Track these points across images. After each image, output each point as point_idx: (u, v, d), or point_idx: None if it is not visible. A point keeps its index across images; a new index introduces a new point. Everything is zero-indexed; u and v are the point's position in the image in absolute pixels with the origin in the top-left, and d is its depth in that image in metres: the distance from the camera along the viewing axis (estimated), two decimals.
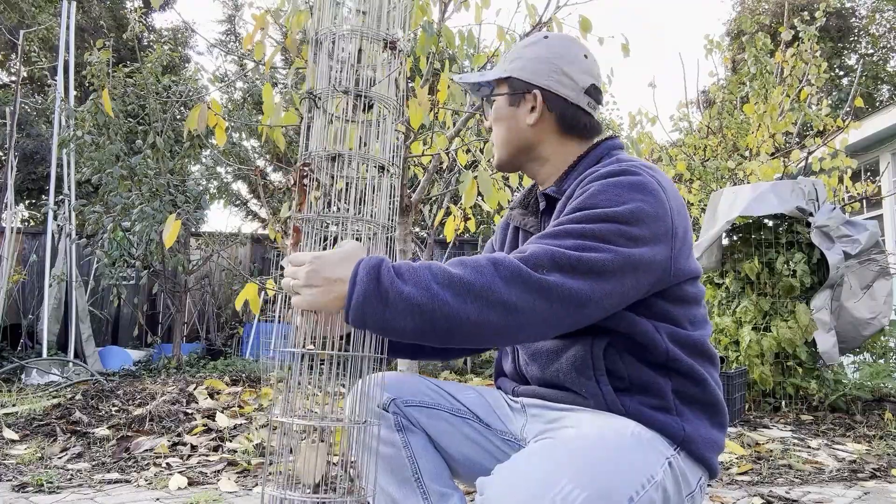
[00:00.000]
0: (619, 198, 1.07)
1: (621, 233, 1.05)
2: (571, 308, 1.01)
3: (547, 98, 1.25)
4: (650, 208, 1.07)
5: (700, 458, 1.14)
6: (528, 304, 0.98)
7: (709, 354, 1.19)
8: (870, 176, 7.35)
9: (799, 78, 5.38)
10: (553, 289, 0.99)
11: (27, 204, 11.23)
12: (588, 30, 2.72)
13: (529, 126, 1.27)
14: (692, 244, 1.18)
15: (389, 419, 1.29)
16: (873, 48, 16.10)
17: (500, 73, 1.29)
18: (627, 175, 1.11)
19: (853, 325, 3.88)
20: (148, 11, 11.78)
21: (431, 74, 2.93)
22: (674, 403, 1.14)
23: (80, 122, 5.81)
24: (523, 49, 1.30)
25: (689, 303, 1.18)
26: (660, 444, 1.10)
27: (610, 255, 1.03)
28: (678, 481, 1.09)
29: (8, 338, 6.24)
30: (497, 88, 1.31)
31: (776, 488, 2.40)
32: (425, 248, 5.27)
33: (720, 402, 1.19)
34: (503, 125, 1.29)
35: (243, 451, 2.75)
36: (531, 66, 1.27)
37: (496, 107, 1.30)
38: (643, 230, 1.06)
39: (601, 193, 1.09)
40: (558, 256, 1.01)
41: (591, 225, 1.05)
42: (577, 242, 1.03)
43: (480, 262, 1.00)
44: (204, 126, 2.17)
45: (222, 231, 7.59)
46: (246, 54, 3.08)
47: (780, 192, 3.87)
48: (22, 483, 2.32)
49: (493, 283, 0.98)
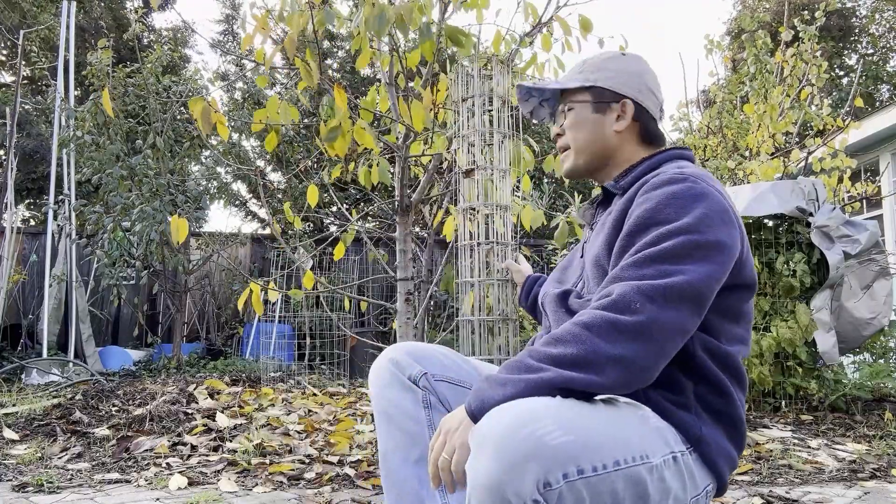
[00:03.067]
0: (684, 209, 1.10)
1: (696, 244, 1.07)
2: (678, 337, 1.04)
3: (636, 108, 1.32)
4: (715, 214, 1.10)
5: (711, 463, 1.14)
6: (638, 348, 1.01)
7: (738, 373, 1.19)
8: (870, 176, 7.35)
9: (799, 78, 5.37)
10: (652, 325, 1.01)
11: (27, 204, 11.23)
12: (588, 30, 2.72)
13: (615, 133, 1.33)
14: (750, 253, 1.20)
15: (418, 394, 1.31)
16: (873, 48, 16.10)
17: (583, 82, 1.34)
18: (686, 183, 1.14)
19: (853, 325, 3.88)
20: (148, 11, 11.77)
21: (431, 75, 2.92)
22: (694, 404, 1.14)
23: (81, 123, 5.81)
24: (604, 62, 1.36)
25: (734, 318, 1.19)
26: (669, 436, 1.10)
27: (692, 274, 1.05)
28: (684, 479, 1.09)
29: (8, 338, 6.24)
30: (575, 96, 1.36)
31: (776, 488, 2.40)
32: (425, 248, 5.27)
33: (741, 422, 1.18)
34: (586, 130, 1.34)
35: (243, 451, 2.75)
36: (619, 78, 1.33)
37: (578, 113, 1.35)
38: (715, 235, 1.09)
39: (666, 207, 1.12)
40: (645, 289, 1.03)
41: (666, 244, 1.07)
42: (658, 269, 1.06)
43: (573, 331, 1.03)
44: (209, 126, 2.17)
45: (222, 231, 7.60)
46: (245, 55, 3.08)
47: (780, 192, 3.87)
48: (22, 483, 2.32)
49: (595, 347, 1.00)
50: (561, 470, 0.92)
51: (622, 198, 1.25)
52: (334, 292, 4.34)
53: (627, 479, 0.98)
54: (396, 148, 2.83)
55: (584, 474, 0.93)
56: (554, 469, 0.91)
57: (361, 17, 2.28)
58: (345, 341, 5.84)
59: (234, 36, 12.02)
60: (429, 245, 4.31)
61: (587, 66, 1.37)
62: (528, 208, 2.52)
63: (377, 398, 1.35)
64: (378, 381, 1.35)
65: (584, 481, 0.94)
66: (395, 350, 1.37)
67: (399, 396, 1.31)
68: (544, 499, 0.91)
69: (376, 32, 2.28)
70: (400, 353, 1.36)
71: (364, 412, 3.51)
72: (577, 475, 0.93)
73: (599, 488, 0.95)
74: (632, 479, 0.99)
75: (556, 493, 0.92)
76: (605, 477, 0.96)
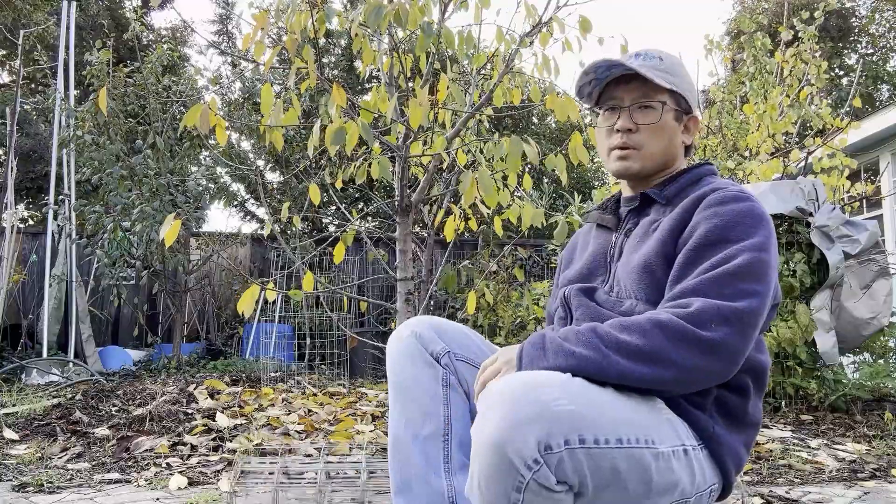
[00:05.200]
0: (754, 228, 1.15)
1: (767, 264, 1.12)
2: (740, 357, 1.08)
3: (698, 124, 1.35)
4: (773, 237, 1.16)
5: (721, 462, 1.16)
6: (700, 363, 1.05)
7: (761, 378, 1.22)
8: (870, 176, 7.35)
9: (799, 78, 5.37)
10: (721, 345, 1.05)
11: (26, 203, 11.23)
12: (588, 30, 2.72)
13: (681, 145, 1.35)
14: None
15: (438, 372, 1.31)
16: (873, 48, 16.10)
17: (672, 86, 1.28)
18: (751, 202, 1.18)
19: (853, 325, 3.88)
20: (147, 11, 11.77)
21: (431, 74, 2.92)
22: (711, 407, 1.16)
23: (81, 122, 5.81)
24: (677, 66, 1.32)
25: (764, 328, 1.22)
26: (681, 429, 1.11)
27: (761, 298, 1.10)
28: (693, 472, 1.10)
29: (8, 338, 6.23)
30: (659, 96, 1.29)
31: (776, 488, 2.40)
32: (425, 248, 5.26)
33: (755, 426, 1.21)
34: (665, 138, 1.31)
35: (243, 451, 2.75)
36: (692, 90, 1.33)
37: (664, 118, 1.29)
38: (775, 258, 1.15)
39: (737, 225, 1.15)
40: (724, 310, 1.07)
41: (741, 261, 1.11)
42: (736, 288, 1.09)
43: (644, 326, 1.07)
44: (205, 126, 2.17)
45: (222, 231, 7.59)
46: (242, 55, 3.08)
47: (780, 192, 3.87)
48: (22, 483, 2.31)
49: (662, 347, 1.04)
50: (563, 436, 0.94)
51: (666, 206, 1.27)
52: (334, 292, 4.34)
53: (630, 459, 1.00)
54: (396, 148, 2.83)
55: (585, 444, 0.96)
56: (556, 434, 0.94)
57: (361, 14, 2.28)
58: (345, 341, 5.84)
59: (228, 36, 12.00)
60: (429, 245, 4.31)
61: (667, 67, 1.28)
62: (529, 207, 2.52)
63: (395, 371, 1.33)
64: (398, 354, 1.34)
65: (586, 452, 0.96)
66: (419, 323, 1.35)
67: (419, 371, 1.30)
68: (544, 461, 0.94)
69: (373, 28, 2.28)
70: (424, 327, 1.34)
71: (364, 412, 3.51)
72: (579, 444, 0.95)
73: (600, 462, 0.97)
74: (635, 460, 1.00)
75: (557, 457, 0.94)
76: (606, 451, 0.98)
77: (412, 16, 2.35)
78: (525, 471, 0.93)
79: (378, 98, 2.67)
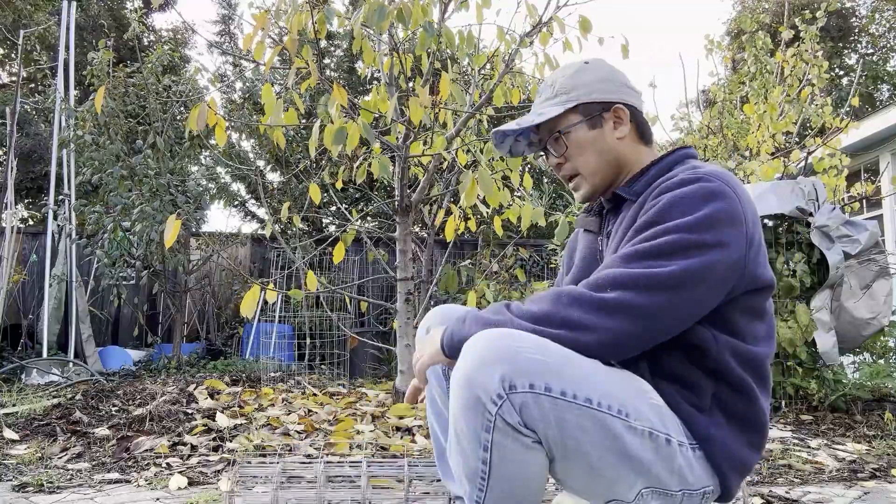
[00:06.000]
0: (692, 207, 1.11)
1: (689, 243, 1.08)
2: (639, 321, 1.06)
3: (629, 110, 1.30)
4: (723, 214, 1.10)
5: (715, 465, 1.13)
6: (591, 320, 1.06)
7: (763, 375, 1.19)
8: (870, 176, 7.35)
9: (799, 78, 5.37)
10: (612, 304, 1.06)
11: (26, 203, 11.23)
12: (588, 30, 2.72)
13: (619, 140, 1.30)
14: (766, 253, 1.19)
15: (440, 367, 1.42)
16: (873, 48, 16.10)
17: (566, 104, 1.29)
18: (701, 182, 1.13)
19: (853, 325, 3.88)
20: (148, 11, 11.76)
21: (432, 74, 2.92)
22: (710, 405, 1.14)
23: (81, 122, 5.81)
24: (574, 77, 1.31)
25: (757, 315, 1.19)
26: (670, 422, 1.11)
27: (675, 267, 1.07)
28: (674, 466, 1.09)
29: (8, 338, 6.23)
30: (561, 122, 1.30)
31: (776, 488, 2.40)
32: (425, 248, 5.26)
33: (762, 426, 1.18)
34: (591, 150, 1.30)
35: (243, 451, 2.75)
36: (599, 87, 1.30)
37: (574, 138, 1.30)
38: (715, 235, 1.08)
39: (674, 207, 1.12)
40: (619, 276, 1.08)
41: (660, 240, 1.10)
42: (644, 262, 1.09)
43: (548, 294, 1.12)
44: (203, 125, 2.17)
45: (222, 231, 7.59)
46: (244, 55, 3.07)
47: (780, 192, 3.87)
48: (22, 483, 2.31)
49: (557, 310, 1.09)
50: (528, 379, 0.99)
51: (635, 203, 1.24)
52: (334, 292, 4.34)
53: (598, 423, 1.02)
54: (396, 148, 2.83)
55: (551, 392, 0.99)
56: (521, 376, 0.99)
57: (361, 14, 2.28)
58: (345, 341, 5.84)
59: (230, 37, 12.00)
60: (429, 245, 4.31)
61: (559, 88, 1.32)
62: (528, 207, 2.53)
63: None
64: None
65: (551, 401, 0.99)
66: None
67: None
68: (508, 398, 0.98)
69: (376, 28, 2.28)
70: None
71: (364, 412, 3.51)
72: (544, 391, 0.99)
73: (566, 416, 1.00)
74: (604, 426, 1.02)
75: (520, 398, 0.98)
76: (573, 406, 1.00)
77: (415, 15, 2.35)
78: (491, 406, 0.99)
79: (378, 98, 2.67)
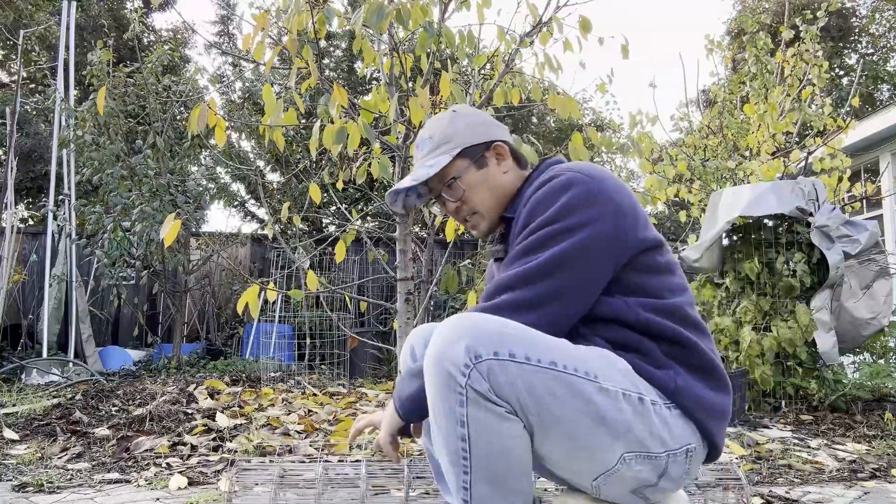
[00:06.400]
0: (551, 201, 1.22)
1: (555, 232, 1.19)
2: (531, 312, 1.16)
3: (504, 145, 1.42)
4: (579, 198, 1.20)
5: (694, 420, 1.19)
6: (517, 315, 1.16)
7: (692, 321, 1.26)
8: (870, 176, 7.35)
9: (799, 78, 5.37)
10: (504, 306, 1.17)
11: (26, 203, 11.23)
12: (588, 30, 2.72)
13: (504, 174, 1.41)
14: (646, 216, 1.28)
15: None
16: (873, 48, 16.10)
17: (451, 153, 1.39)
18: (554, 180, 1.25)
19: (853, 325, 3.88)
20: (148, 11, 11.76)
21: (432, 74, 2.92)
22: (666, 361, 1.21)
23: (81, 122, 5.81)
24: (449, 127, 1.42)
25: (662, 272, 1.26)
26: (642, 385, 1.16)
27: (547, 255, 1.18)
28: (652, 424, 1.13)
29: (8, 338, 6.23)
30: (450, 171, 1.40)
31: (776, 488, 2.40)
32: (425, 248, 5.26)
33: (716, 367, 1.25)
34: (484, 189, 1.40)
35: (243, 451, 2.75)
36: (472, 131, 1.41)
37: (467, 181, 1.40)
38: (578, 217, 1.19)
39: (538, 207, 1.24)
40: (503, 279, 1.20)
41: (530, 238, 1.22)
42: (521, 261, 1.21)
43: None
44: (203, 126, 2.17)
45: (222, 231, 7.58)
46: (243, 55, 3.07)
47: (780, 192, 3.87)
48: (22, 483, 2.31)
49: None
50: (492, 347, 1.05)
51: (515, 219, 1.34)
52: (334, 292, 4.34)
53: (568, 386, 1.07)
54: (396, 148, 2.83)
55: (515, 358, 1.06)
56: (485, 345, 1.05)
57: (361, 14, 2.28)
58: (345, 341, 5.84)
59: (230, 37, 12.00)
60: (429, 245, 4.31)
61: (438, 140, 1.41)
62: None
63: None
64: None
65: (517, 366, 1.05)
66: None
67: None
68: (476, 368, 1.04)
69: (375, 29, 2.28)
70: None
71: (364, 412, 3.51)
72: (509, 357, 1.05)
73: (534, 381, 1.06)
74: (574, 389, 1.08)
75: (486, 364, 1.04)
76: (538, 371, 1.06)
77: (414, 15, 2.35)
78: (460, 377, 1.05)
79: (378, 98, 2.67)
